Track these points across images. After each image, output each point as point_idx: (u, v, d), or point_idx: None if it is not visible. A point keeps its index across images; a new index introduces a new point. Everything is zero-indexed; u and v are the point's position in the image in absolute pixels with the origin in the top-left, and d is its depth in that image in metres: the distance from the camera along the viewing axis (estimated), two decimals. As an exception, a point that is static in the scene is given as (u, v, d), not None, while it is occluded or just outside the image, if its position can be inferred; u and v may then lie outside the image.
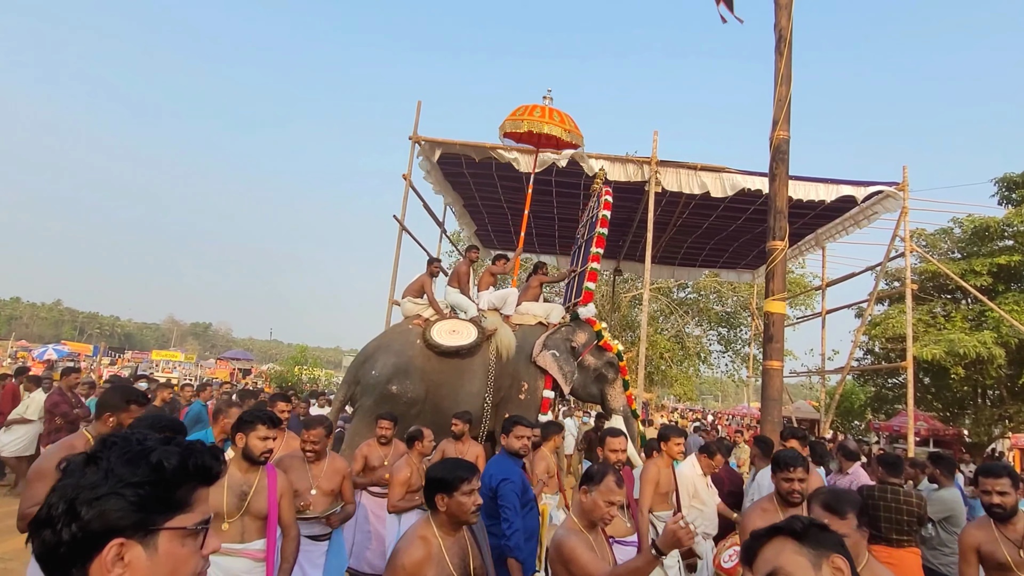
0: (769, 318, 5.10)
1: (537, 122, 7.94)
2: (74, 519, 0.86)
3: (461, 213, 13.18)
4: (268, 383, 24.42)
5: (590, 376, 7.07)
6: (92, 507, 0.86)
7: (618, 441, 3.91)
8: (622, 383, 7.16)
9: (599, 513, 2.50)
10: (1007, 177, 16.32)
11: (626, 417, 6.89)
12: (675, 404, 32.79)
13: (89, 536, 0.86)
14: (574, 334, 7.08)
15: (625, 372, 7.18)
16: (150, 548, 0.90)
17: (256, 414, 2.88)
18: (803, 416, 19.56)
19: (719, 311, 22.73)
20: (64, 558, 0.86)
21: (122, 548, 0.87)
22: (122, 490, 0.88)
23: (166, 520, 0.92)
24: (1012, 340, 12.97)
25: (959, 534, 3.16)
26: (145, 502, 0.89)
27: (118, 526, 0.87)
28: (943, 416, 17.04)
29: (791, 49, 5.26)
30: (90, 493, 0.86)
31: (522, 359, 7.06)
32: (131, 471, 0.89)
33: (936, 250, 16.62)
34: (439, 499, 2.23)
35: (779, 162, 5.27)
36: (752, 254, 13.84)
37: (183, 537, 0.93)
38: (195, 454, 0.97)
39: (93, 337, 77.00)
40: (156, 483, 0.91)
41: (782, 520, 1.29)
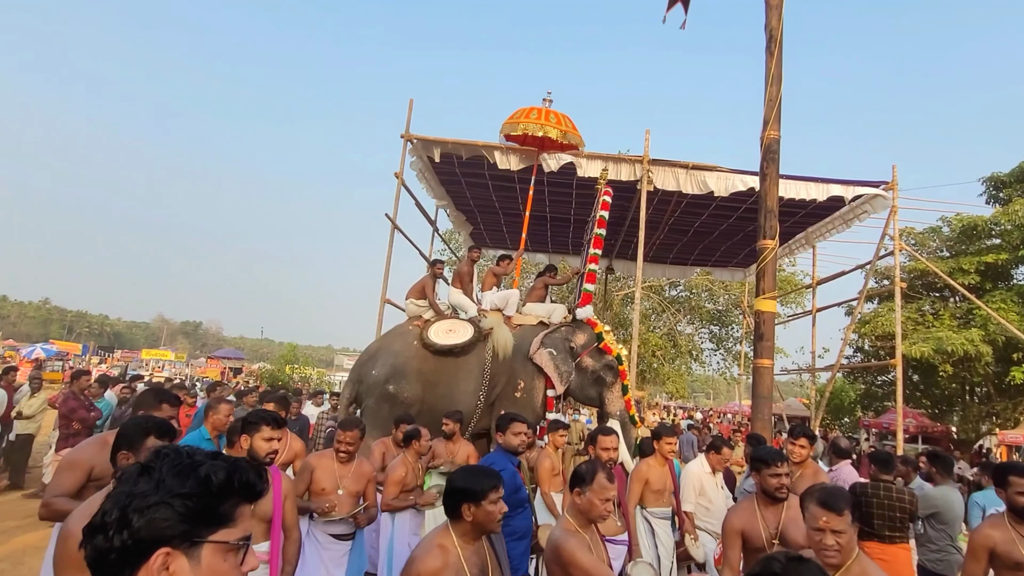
0: (760, 317, 5.13)
1: (533, 124, 7.92)
2: (125, 526, 0.90)
3: (453, 212, 13.15)
4: (260, 382, 24.29)
5: (588, 378, 6.98)
6: (143, 515, 0.90)
7: (609, 440, 3.93)
8: (621, 387, 6.98)
9: (596, 511, 2.50)
10: (994, 176, 16.50)
11: (623, 423, 6.73)
12: (667, 402, 32.92)
13: (138, 544, 0.90)
14: (573, 334, 7.07)
15: (625, 377, 7.01)
16: (193, 560, 0.93)
17: (260, 415, 2.84)
18: (793, 413, 19.69)
19: (710, 309, 22.82)
20: (114, 564, 0.90)
21: (168, 557, 0.91)
22: (171, 500, 0.92)
23: (210, 533, 0.95)
24: (999, 338, 13.12)
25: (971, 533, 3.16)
26: (192, 513, 0.93)
27: (165, 535, 0.91)
28: (931, 413, 17.20)
29: (781, 49, 5.29)
30: (141, 502, 0.91)
31: (519, 358, 7.05)
32: (180, 482, 0.94)
33: (925, 249, 16.76)
34: (465, 508, 2.15)
35: (769, 162, 5.30)
36: (743, 252, 13.89)
37: (225, 552, 0.97)
38: (241, 471, 1.01)
39: (82, 336, 76.33)
40: (203, 496, 0.94)
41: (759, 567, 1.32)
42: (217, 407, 4.41)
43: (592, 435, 4.10)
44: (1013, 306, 13.61)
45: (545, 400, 6.96)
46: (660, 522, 4.51)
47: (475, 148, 9.40)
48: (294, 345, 27.13)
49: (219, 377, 25.69)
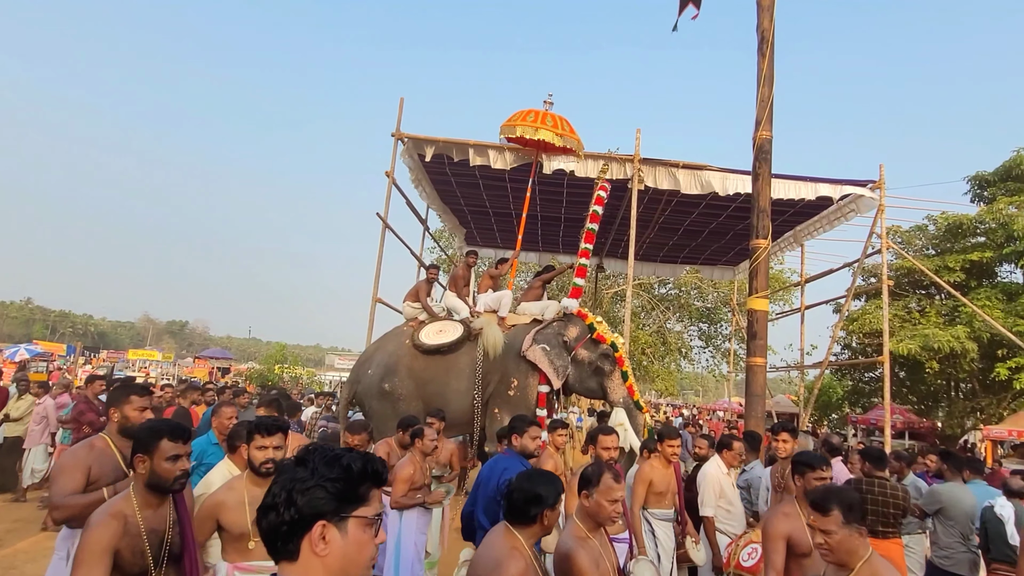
0: (753, 315, 5.17)
1: (530, 127, 7.93)
2: (292, 504, 1.15)
3: (443, 211, 13.13)
4: (248, 382, 24.11)
5: (586, 370, 7.05)
6: (304, 495, 1.16)
7: (610, 439, 3.93)
8: (621, 374, 7.01)
9: (604, 514, 2.49)
10: (979, 175, 16.73)
11: (628, 409, 6.75)
12: (657, 400, 33.09)
13: (302, 518, 1.15)
14: (565, 328, 7.13)
15: (623, 363, 7.02)
16: (343, 531, 1.18)
17: (252, 423, 2.76)
18: (782, 410, 19.85)
19: (700, 307, 22.94)
20: (284, 535, 1.16)
21: (324, 528, 1.16)
22: (324, 483, 1.17)
23: (353, 510, 1.20)
24: (984, 334, 13.31)
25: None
26: (340, 494, 1.18)
27: (322, 511, 1.16)
28: (918, 409, 17.43)
29: (773, 50, 5.32)
30: (302, 485, 1.16)
31: (512, 356, 7.08)
32: (329, 470, 1.18)
33: (911, 247, 16.96)
34: (547, 513, 2.20)
35: (762, 162, 5.34)
36: (733, 251, 13.99)
37: (364, 525, 1.21)
38: (372, 461, 1.25)
39: (65, 336, 75.31)
40: (347, 480, 1.19)
41: None
42: (220, 411, 4.39)
43: (592, 435, 4.11)
44: (997, 303, 13.82)
45: (538, 397, 6.98)
46: (661, 524, 4.48)
47: (466, 147, 9.39)
48: (283, 345, 26.96)
49: (207, 377, 25.47)
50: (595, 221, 7.36)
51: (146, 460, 2.22)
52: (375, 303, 9.67)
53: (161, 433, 2.23)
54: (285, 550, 1.17)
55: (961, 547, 4.48)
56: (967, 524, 4.53)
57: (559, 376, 6.89)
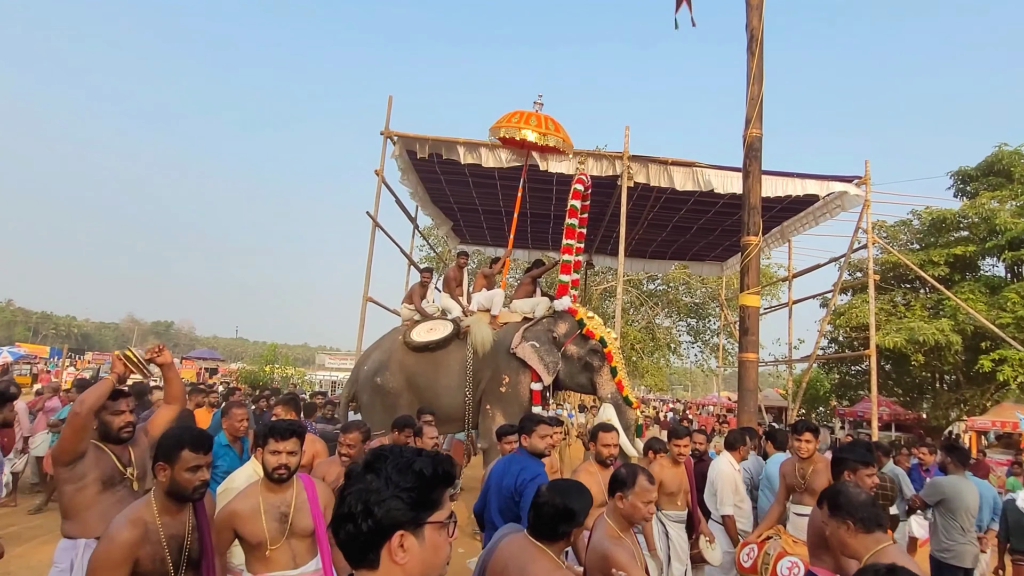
0: (745, 311, 5.22)
1: (514, 127, 7.98)
2: (369, 515, 1.15)
3: (432, 209, 13.09)
4: (238, 382, 23.93)
5: (576, 366, 7.04)
6: (381, 507, 1.16)
7: (610, 436, 3.86)
8: (610, 370, 6.97)
9: (639, 515, 2.49)
10: (962, 170, 16.98)
11: (617, 404, 6.71)
12: (647, 395, 33.26)
13: (380, 528, 1.16)
14: (555, 324, 7.14)
15: (611, 359, 6.97)
16: (420, 538, 1.19)
17: (267, 427, 2.66)
18: (771, 404, 20.05)
19: (688, 302, 23.08)
20: (363, 545, 1.17)
21: (403, 538, 1.17)
22: (400, 494, 1.17)
23: (429, 516, 1.20)
24: (968, 327, 13.52)
25: None
26: (416, 503, 1.19)
27: (400, 521, 1.17)
28: (904, 401, 17.69)
29: (763, 48, 5.36)
30: (377, 496, 1.16)
31: (503, 354, 7.10)
32: (403, 478, 1.19)
33: (896, 241, 17.18)
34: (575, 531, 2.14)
35: (752, 159, 5.38)
36: (721, 247, 14.09)
37: (440, 528, 1.22)
38: (441, 463, 1.25)
39: (48, 338, 74.25)
40: (421, 487, 1.19)
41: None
42: (231, 412, 4.33)
43: (592, 431, 4.05)
44: (981, 296, 14.04)
45: (531, 394, 6.98)
46: (674, 525, 4.39)
47: (455, 145, 9.38)
48: (274, 345, 26.78)
49: (195, 378, 25.25)
50: (573, 216, 7.35)
51: (167, 469, 2.22)
52: (366, 301, 9.65)
53: (183, 443, 2.22)
54: (365, 559, 1.18)
55: (962, 539, 4.47)
56: (968, 517, 4.52)
57: (549, 372, 6.91)
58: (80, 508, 2.74)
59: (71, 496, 2.74)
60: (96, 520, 2.74)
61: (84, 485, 2.74)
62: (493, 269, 8.56)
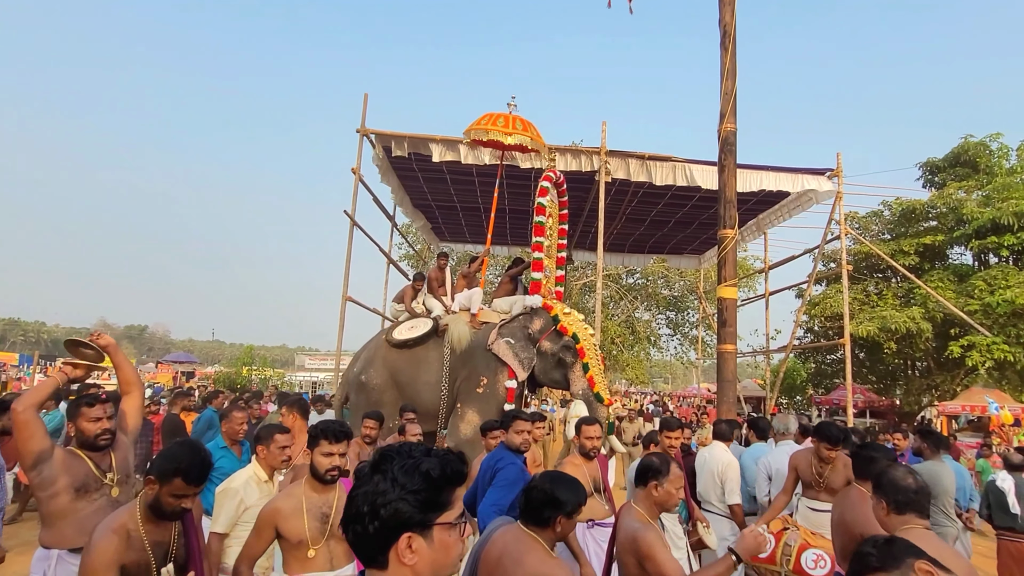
0: (722, 303, 5.28)
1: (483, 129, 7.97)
2: (376, 518, 1.16)
3: (410, 207, 13.01)
4: (215, 385, 23.57)
5: (550, 362, 7.05)
6: (387, 508, 1.16)
7: (593, 429, 3.92)
8: (582, 366, 6.93)
9: (673, 501, 2.57)
10: (930, 161, 17.38)
11: (587, 401, 6.70)
12: (628, 388, 33.53)
13: (387, 530, 1.17)
14: (530, 321, 7.17)
15: (583, 355, 6.91)
16: (429, 539, 1.19)
17: (320, 428, 2.64)
18: (750, 394, 20.35)
19: (667, 296, 23.30)
20: (371, 545, 1.18)
21: (410, 539, 1.17)
22: (407, 496, 1.17)
23: (437, 517, 1.20)
24: (937, 315, 13.86)
25: None
26: (423, 505, 1.19)
27: (407, 523, 1.17)
28: (877, 388, 18.09)
29: (735, 44, 5.42)
30: (384, 498, 1.17)
31: (480, 352, 7.11)
32: (410, 480, 1.18)
33: (868, 232, 17.53)
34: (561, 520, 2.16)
35: (727, 153, 5.44)
36: (698, 240, 14.24)
37: (449, 529, 1.22)
38: (450, 463, 1.24)
39: (17, 345, 72.35)
40: (428, 489, 1.19)
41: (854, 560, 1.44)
42: (231, 415, 4.27)
43: (577, 425, 4.09)
44: (949, 284, 14.40)
45: (507, 391, 6.97)
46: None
47: (431, 142, 9.36)
48: (251, 347, 26.42)
49: (171, 383, 24.81)
50: (541, 213, 7.34)
51: (156, 487, 2.20)
52: (345, 301, 9.56)
53: (180, 471, 2.19)
54: (374, 560, 1.19)
55: (946, 522, 4.55)
56: (948, 501, 4.60)
57: (524, 368, 6.94)
58: (55, 517, 2.67)
59: (45, 504, 2.68)
60: (71, 529, 2.67)
61: (55, 492, 2.66)
62: (471, 268, 8.59)
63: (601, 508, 3.92)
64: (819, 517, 4.15)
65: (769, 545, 3.65)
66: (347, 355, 10.76)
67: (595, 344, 7.03)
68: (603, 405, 6.70)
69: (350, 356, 9.35)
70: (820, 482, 4.12)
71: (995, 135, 16.25)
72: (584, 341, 6.95)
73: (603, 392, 6.77)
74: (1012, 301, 12.60)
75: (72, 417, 2.89)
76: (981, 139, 16.33)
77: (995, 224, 13.79)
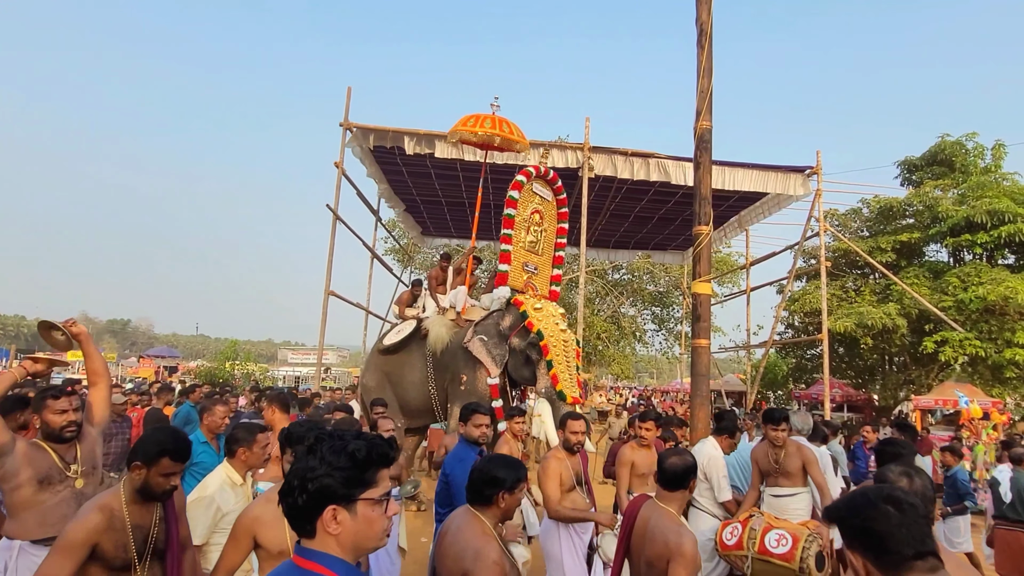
0: (697, 299, 5.38)
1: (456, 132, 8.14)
2: (304, 491, 1.30)
3: (395, 201, 13.02)
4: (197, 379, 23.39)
5: (520, 359, 7.01)
6: (315, 483, 1.30)
7: (578, 424, 4.03)
8: (546, 364, 6.81)
9: None
10: (908, 160, 17.66)
11: (550, 399, 6.60)
12: (613, 383, 33.75)
13: (315, 502, 1.30)
14: (502, 317, 7.20)
15: (547, 352, 6.76)
16: (352, 512, 1.33)
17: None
18: (732, 388, 20.63)
19: (652, 291, 23.49)
20: (301, 516, 1.32)
21: (335, 512, 1.31)
22: (332, 472, 1.31)
23: (360, 493, 1.34)
24: (913, 311, 14.12)
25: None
26: (347, 481, 1.32)
27: (331, 496, 1.31)
28: (855, 383, 18.40)
29: (712, 43, 5.51)
30: (312, 473, 1.31)
31: (460, 351, 7.17)
32: (337, 459, 1.32)
33: (847, 229, 17.79)
34: (500, 496, 2.24)
35: (703, 151, 5.53)
36: (683, 236, 14.40)
37: (373, 505, 1.35)
38: (377, 446, 1.38)
39: (-4, 339, 71.10)
40: (352, 467, 1.33)
41: None
42: (212, 409, 4.27)
43: (562, 419, 4.18)
44: (925, 281, 14.68)
45: (490, 388, 6.96)
46: None
47: (412, 136, 9.41)
48: (235, 341, 26.24)
49: (153, 377, 24.58)
50: (511, 206, 7.35)
51: (143, 470, 2.23)
52: (328, 296, 9.59)
53: (166, 452, 2.23)
54: (304, 529, 1.33)
55: None
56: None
57: (497, 365, 6.91)
58: (18, 508, 2.69)
59: (8, 496, 2.69)
60: (34, 521, 2.69)
61: (18, 484, 2.67)
62: (459, 262, 8.63)
63: (583, 501, 4.01)
64: (781, 502, 4.31)
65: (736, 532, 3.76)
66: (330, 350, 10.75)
67: (565, 340, 6.95)
68: (566, 404, 6.48)
69: (334, 351, 9.46)
70: (777, 468, 4.30)
71: (971, 134, 16.54)
72: (549, 338, 6.82)
73: (567, 390, 6.60)
74: (984, 298, 12.88)
75: (37, 409, 2.91)
76: (957, 138, 16.62)
77: (969, 222, 14.06)
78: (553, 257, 8.24)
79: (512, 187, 7.42)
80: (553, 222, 8.17)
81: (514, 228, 7.43)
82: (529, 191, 7.68)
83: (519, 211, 7.47)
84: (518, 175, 7.52)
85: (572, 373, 6.87)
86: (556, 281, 8.28)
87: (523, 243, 7.68)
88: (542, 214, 7.93)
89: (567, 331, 7.15)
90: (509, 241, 7.42)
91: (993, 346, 13.36)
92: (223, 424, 4.29)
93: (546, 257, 8.13)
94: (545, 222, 8.01)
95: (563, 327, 7.15)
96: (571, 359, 6.98)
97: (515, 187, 7.38)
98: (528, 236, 7.75)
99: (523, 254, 7.69)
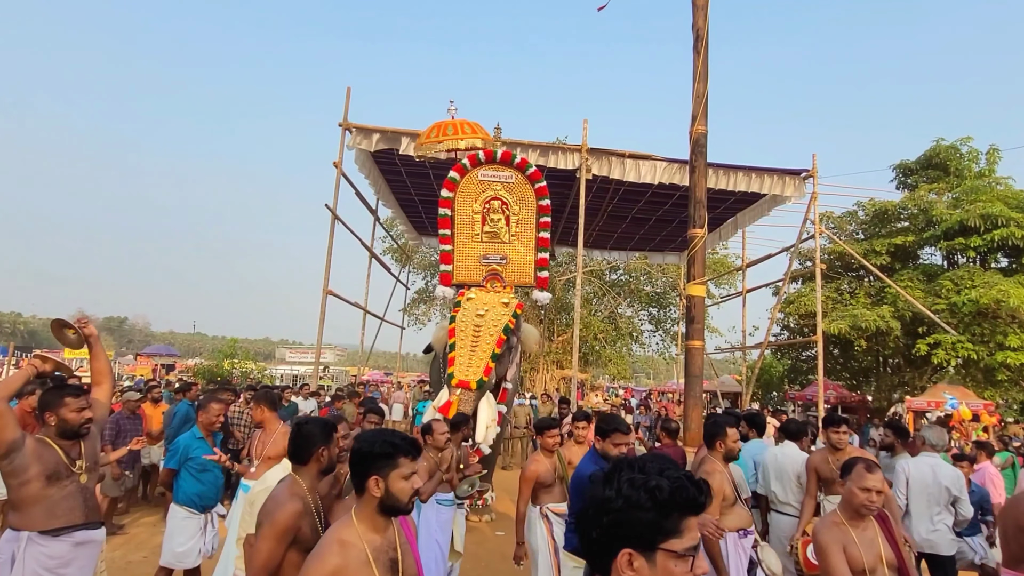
0: (691, 301, 5.46)
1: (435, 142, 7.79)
2: (599, 524, 1.13)
3: (392, 201, 13.07)
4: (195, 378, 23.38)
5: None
6: (609, 517, 1.12)
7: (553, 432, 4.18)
8: (450, 346, 6.94)
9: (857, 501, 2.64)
10: (903, 164, 17.80)
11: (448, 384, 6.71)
12: (610, 383, 33.81)
13: (608, 539, 1.13)
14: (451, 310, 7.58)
15: (451, 335, 6.82)
16: (651, 563, 1.11)
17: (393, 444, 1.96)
18: (727, 389, 20.70)
19: (649, 292, 23.56)
20: (595, 552, 1.15)
21: (630, 557, 1.11)
22: (629, 511, 1.11)
23: (661, 542, 1.11)
24: (907, 313, 14.24)
25: None
26: (646, 524, 1.11)
27: (627, 538, 1.11)
28: (849, 384, 18.51)
29: (708, 48, 5.58)
30: (607, 506, 1.13)
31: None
32: (635, 494, 1.11)
33: (843, 232, 17.91)
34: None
35: (698, 155, 5.60)
36: (680, 237, 14.47)
37: (675, 559, 1.11)
38: (683, 488, 1.13)
39: (-7, 336, 70.91)
40: (653, 509, 1.11)
41: None
42: (208, 406, 4.29)
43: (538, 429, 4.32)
44: (919, 284, 14.80)
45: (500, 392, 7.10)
46: None
47: (411, 136, 9.43)
48: (234, 339, 26.25)
49: (151, 375, 24.57)
50: (444, 206, 7.40)
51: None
52: (326, 295, 9.65)
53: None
54: (599, 565, 1.15)
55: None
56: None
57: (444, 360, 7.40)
58: (26, 502, 2.76)
59: (16, 490, 2.76)
60: (41, 514, 2.76)
61: (27, 480, 2.74)
62: None
63: (563, 495, 4.11)
64: None
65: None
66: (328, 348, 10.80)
67: (477, 326, 6.73)
68: (451, 387, 6.31)
69: (332, 349, 9.45)
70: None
71: (965, 139, 16.67)
72: (459, 323, 6.71)
73: (457, 372, 6.38)
74: (976, 301, 13.00)
75: (52, 407, 2.94)
76: (952, 143, 16.75)
77: (963, 226, 14.19)
78: (537, 239, 7.82)
79: (444, 185, 7.31)
80: (527, 203, 7.78)
81: (454, 226, 7.34)
82: (474, 181, 7.48)
83: (461, 206, 7.34)
84: (451, 171, 7.40)
85: (475, 357, 6.56)
86: (542, 266, 7.94)
87: (477, 236, 7.43)
88: (504, 200, 7.55)
89: (489, 315, 6.86)
90: (448, 241, 7.37)
91: (985, 349, 13.49)
92: (217, 421, 4.30)
93: (521, 242, 7.77)
94: (513, 206, 7.63)
95: (481, 312, 6.89)
96: (481, 344, 6.65)
97: (447, 185, 7.27)
98: (485, 227, 7.49)
99: (479, 247, 7.45)
